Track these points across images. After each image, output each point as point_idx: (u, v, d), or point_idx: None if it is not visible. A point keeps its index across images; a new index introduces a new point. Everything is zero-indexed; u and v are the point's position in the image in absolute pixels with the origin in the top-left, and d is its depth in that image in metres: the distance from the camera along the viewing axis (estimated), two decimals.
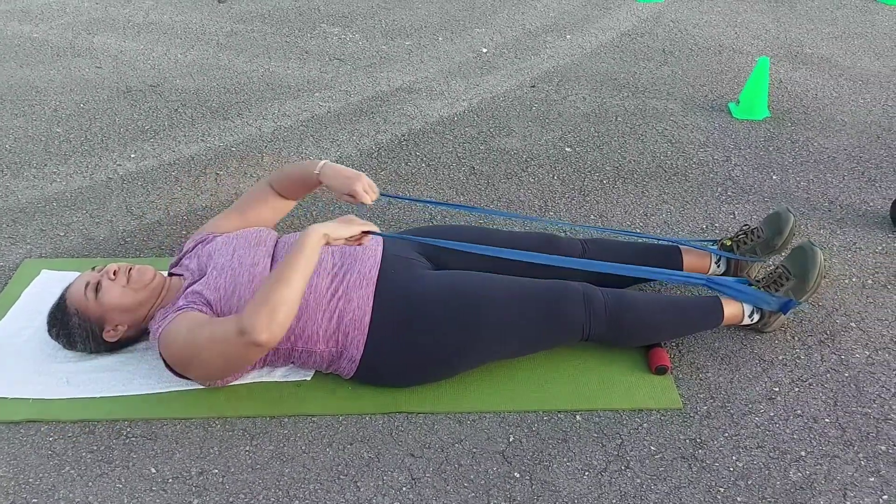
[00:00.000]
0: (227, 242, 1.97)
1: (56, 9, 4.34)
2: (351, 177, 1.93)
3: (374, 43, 3.97)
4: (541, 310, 1.88)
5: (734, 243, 2.20)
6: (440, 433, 1.81)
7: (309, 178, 2.01)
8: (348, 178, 1.93)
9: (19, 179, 2.76)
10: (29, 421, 1.81)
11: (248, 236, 1.98)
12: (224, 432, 1.80)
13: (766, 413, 1.87)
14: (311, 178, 2.00)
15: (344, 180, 1.93)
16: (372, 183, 1.95)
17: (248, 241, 1.95)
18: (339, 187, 1.94)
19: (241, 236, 1.97)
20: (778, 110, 3.32)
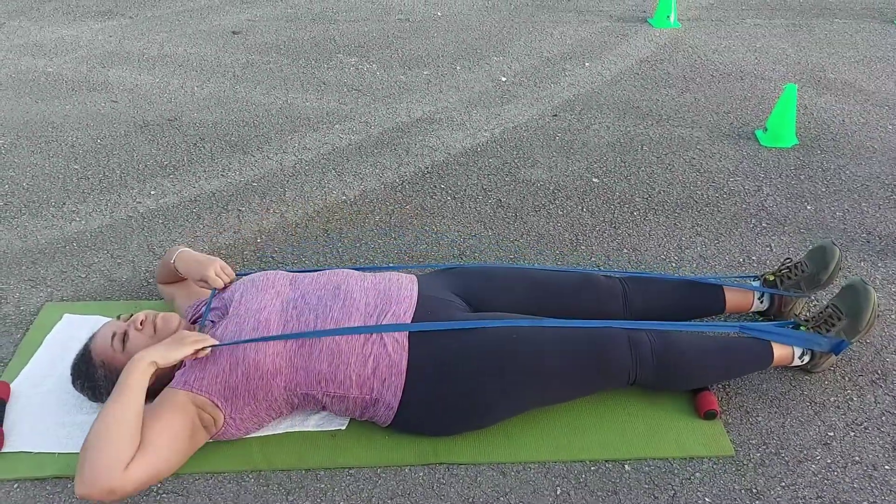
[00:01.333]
0: (235, 289, 1.93)
1: (70, 43, 4.32)
2: (203, 262, 1.96)
3: (391, 73, 3.94)
4: (585, 356, 1.82)
5: (777, 278, 2.14)
6: (483, 486, 1.73)
7: (169, 266, 2.06)
8: (200, 265, 1.96)
9: (38, 219, 2.71)
10: (56, 477, 1.74)
11: (256, 281, 1.93)
12: (258, 487, 1.72)
13: (823, 460, 1.79)
14: (170, 266, 2.05)
15: (196, 267, 1.97)
16: (226, 266, 1.97)
17: (255, 286, 1.90)
18: (193, 275, 1.98)
19: (248, 282, 1.93)
20: (806, 137, 3.27)
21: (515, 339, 1.81)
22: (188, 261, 1.99)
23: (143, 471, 1.57)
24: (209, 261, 1.96)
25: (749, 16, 4.79)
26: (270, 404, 1.77)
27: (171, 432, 1.64)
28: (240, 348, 1.74)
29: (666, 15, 4.56)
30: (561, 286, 2.04)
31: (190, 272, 1.97)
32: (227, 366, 1.74)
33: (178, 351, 1.70)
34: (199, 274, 1.94)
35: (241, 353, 1.74)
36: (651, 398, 1.93)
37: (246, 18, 4.73)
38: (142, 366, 1.66)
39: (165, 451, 1.62)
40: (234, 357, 1.74)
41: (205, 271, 1.93)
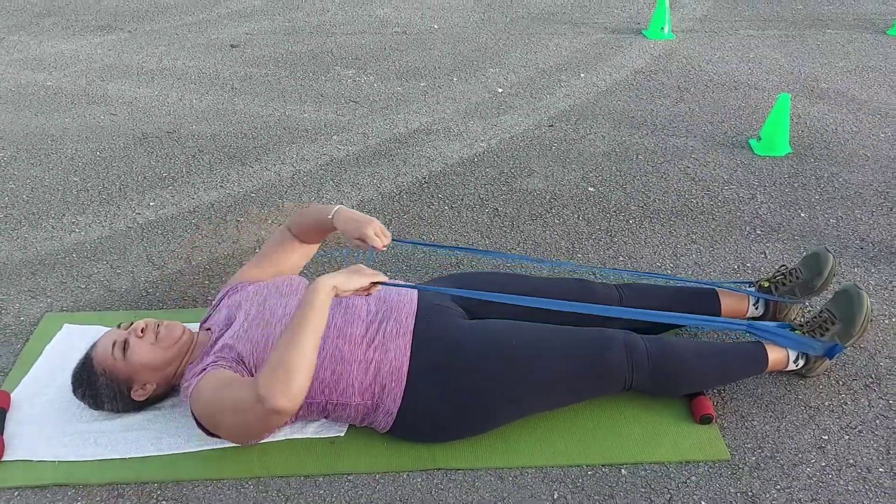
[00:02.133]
0: (258, 292, 1.93)
1: (69, 56, 4.36)
2: (362, 221, 1.91)
3: (388, 85, 3.97)
4: (582, 360, 1.84)
5: (772, 285, 2.16)
6: (481, 491, 1.74)
7: (324, 222, 1.99)
8: (360, 223, 1.91)
9: (38, 230, 2.72)
10: (56, 485, 1.75)
11: (279, 286, 1.94)
12: (258, 493, 1.74)
13: (818, 463, 1.80)
14: (325, 222, 1.98)
15: (356, 224, 1.91)
16: (384, 228, 1.92)
17: (279, 291, 1.92)
18: (351, 232, 1.92)
19: (272, 286, 1.94)
20: (799, 146, 3.30)
21: (514, 345, 1.83)
22: (347, 219, 1.93)
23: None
24: (368, 220, 1.91)
25: (742, 27, 4.84)
26: None
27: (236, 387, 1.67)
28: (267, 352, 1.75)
29: (660, 27, 4.61)
30: (558, 293, 2.06)
31: (348, 229, 1.92)
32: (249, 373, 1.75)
33: (356, 281, 1.70)
34: (359, 232, 1.89)
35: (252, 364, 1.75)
36: (647, 404, 1.95)
37: (244, 32, 4.77)
38: (326, 288, 1.66)
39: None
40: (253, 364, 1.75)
41: (364, 229, 1.89)
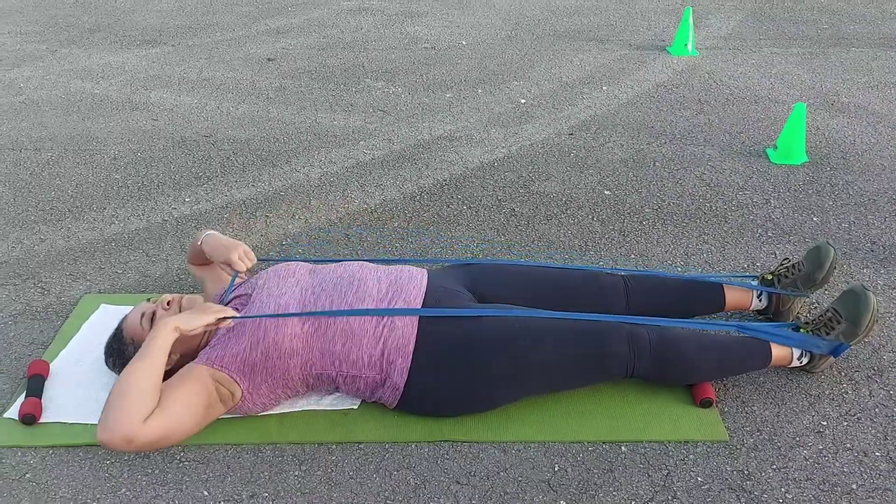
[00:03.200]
0: (259, 277, 2.05)
1: (116, 68, 4.60)
2: (228, 246, 2.03)
3: (416, 96, 4.12)
4: (585, 346, 1.91)
5: (775, 277, 2.21)
6: (485, 461, 1.82)
7: (196, 248, 2.14)
8: (225, 248, 2.03)
9: (80, 222, 2.90)
10: (87, 445, 1.87)
11: (278, 270, 2.05)
12: (274, 458, 1.84)
13: (815, 446, 1.85)
14: (198, 248, 2.13)
15: (221, 250, 2.04)
16: (249, 251, 2.03)
17: (277, 275, 2.03)
18: (217, 257, 2.05)
19: (271, 271, 2.06)
20: (816, 155, 3.35)
21: (518, 328, 1.91)
22: (214, 244, 2.07)
23: (158, 427, 1.69)
24: (233, 244, 2.05)
25: (766, 45, 4.91)
26: (287, 382, 1.89)
27: (188, 399, 1.76)
28: (261, 329, 1.87)
29: (684, 43, 4.70)
30: (565, 282, 2.14)
31: (215, 254, 2.07)
32: (248, 345, 1.86)
33: (201, 318, 1.82)
34: (223, 256, 2.04)
35: (262, 333, 1.87)
36: (650, 387, 2.01)
37: (281, 47, 4.98)
38: (167, 329, 1.78)
39: (180, 415, 1.74)
40: (255, 337, 1.87)
41: (228, 254, 2.02)
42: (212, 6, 5.96)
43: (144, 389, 1.70)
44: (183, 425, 1.75)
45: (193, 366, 1.85)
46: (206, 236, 2.12)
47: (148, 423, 1.67)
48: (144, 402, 1.68)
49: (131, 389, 1.69)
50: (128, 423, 1.65)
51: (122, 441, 1.65)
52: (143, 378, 1.71)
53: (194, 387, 1.79)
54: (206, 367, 1.84)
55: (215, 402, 1.83)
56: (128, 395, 1.68)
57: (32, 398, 1.97)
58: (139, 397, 1.68)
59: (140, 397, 1.68)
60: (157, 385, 1.72)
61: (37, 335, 2.26)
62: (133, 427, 1.65)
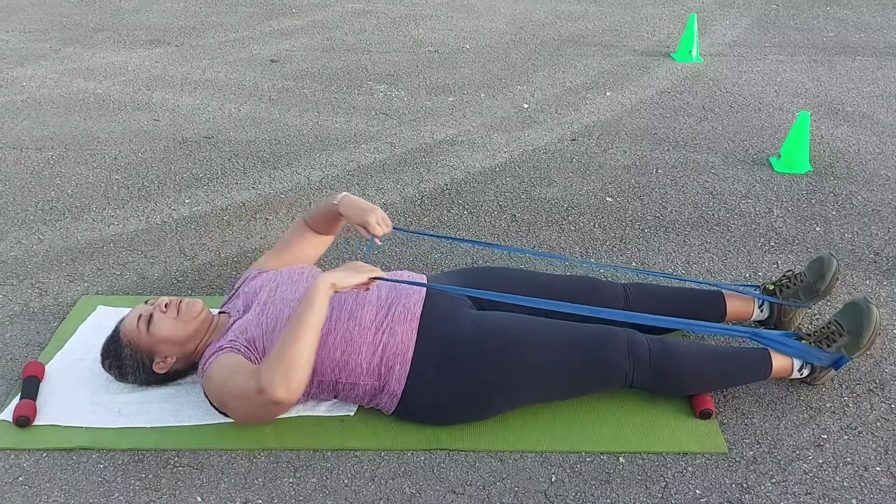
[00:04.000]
0: (272, 279, 2.04)
1: (118, 67, 4.59)
2: (366, 209, 2.01)
3: (418, 99, 4.11)
4: (583, 355, 1.89)
5: (777, 288, 2.19)
6: (481, 471, 1.81)
7: (331, 209, 2.09)
8: (363, 210, 2.01)
9: (79, 222, 2.89)
10: (82, 448, 1.86)
11: (291, 273, 2.04)
12: (269, 464, 1.82)
13: (815, 460, 1.83)
14: (332, 208, 2.08)
15: (359, 211, 2.01)
16: (385, 217, 2.01)
17: (290, 278, 2.02)
18: (354, 218, 2.02)
19: (284, 273, 2.04)
20: (820, 165, 3.33)
21: (516, 336, 1.89)
22: (350, 205, 2.04)
23: None
24: (372, 208, 2.01)
25: (771, 52, 4.89)
26: None
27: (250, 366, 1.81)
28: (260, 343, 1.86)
29: (688, 50, 4.68)
30: (564, 289, 2.12)
31: (351, 214, 2.02)
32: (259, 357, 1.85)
33: (355, 277, 1.82)
34: (361, 218, 2.00)
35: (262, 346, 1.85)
36: (648, 397, 2.00)
37: (284, 48, 4.97)
38: (323, 288, 1.77)
39: None
40: (263, 347, 1.86)
41: (366, 216, 1.99)
42: (216, 7, 5.96)
43: (313, 357, 1.74)
44: None
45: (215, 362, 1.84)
46: (344, 196, 2.07)
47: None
48: (308, 371, 1.73)
49: (307, 356, 1.72)
50: (303, 388, 1.73)
51: (292, 404, 1.74)
52: (314, 344, 1.74)
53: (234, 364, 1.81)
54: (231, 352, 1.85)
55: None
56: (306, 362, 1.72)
57: (27, 400, 1.96)
58: (311, 365, 1.74)
59: (311, 365, 1.74)
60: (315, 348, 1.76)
61: (33, 336, 2.25)
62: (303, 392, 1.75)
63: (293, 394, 1.70)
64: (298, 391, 1.71)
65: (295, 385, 1.69)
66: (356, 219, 2.02)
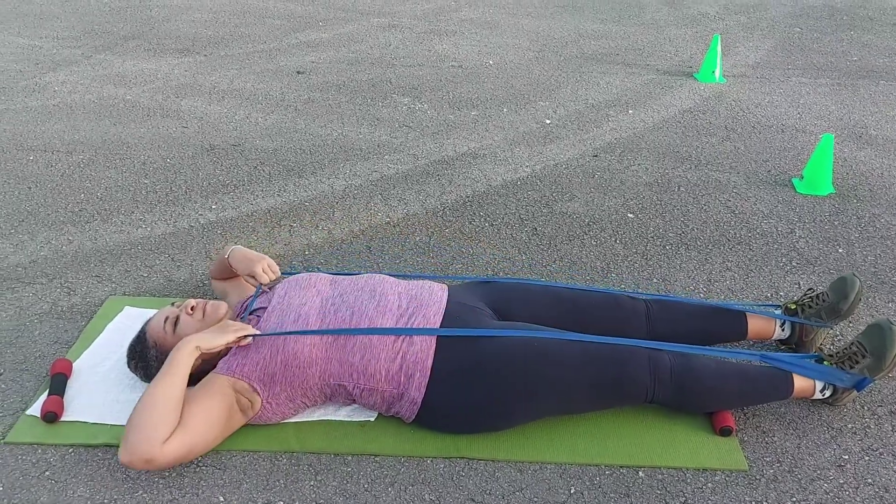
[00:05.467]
0: (280, 287, 2.07)
1: (148, 75, 4.68)
2: (253, 259, 2.11)
3: (441, 112, 4.15)
4: (604, 370, 1.90)
5: (799, 307, 2.19)
6: (501, 480, 1.82)
7: (224, 262, 2.20)
8: (250, 261, 2.11)
9: (108, 224, 2.94)
10: (106, 445, 1.89)
11: (299, 280, 2.07)
12: (290, 466, 1.84)
13: (836, 480, 1.82)
14: (225, 262, 2.20)
15: (247, 263, 2.11)
16: (273, 264, 2.12)
17: (298, 285, 2.05)
18: (242, 269, 2.13)
19: (292, 281, 2.08)
20: (843, 187, 3.32)
21: (537, 347, 1.90)
22: (239, 257, 2.15)
23: (179, 446, 1.73)
24: (258, 258, 2.12)
25: (794, 74, 4.90)
26: (305, 392, 1.90)
27: (209, 413, 1.79)
28: (280, 338, 1.88)
29: (711, 70, 4.70)
30: (587, 303, 2.14)
31: (240, 267, 2.14)
32: (268, 354, 1.88)
33: (221, 338, 1.86)
34: (248, 269, 2.11)
35: (282, 343, 1.88)
36: (668, 412, 2.00)
37: (310, 60, 5.04)
38: (187, 349, 1.83)
39: (202, 431, 1.77)
40: (275, 346, 1.88)
41: (253, 267, 2.09)
42: (245, 18, 6.06)
43: (165, 411, 1.73)
44: (204, 441, 1.79)
45: (214, 376, 1.87)
46: (232, 250, 2.18)
47: (168, 443, 1.71)
48: (164, 424, 1.72)
49: (152, 411, 1.72)
50: (147, 445, 1.69)
51: (142, 463, 1.69)
52: (163, 399, 1.74)
53: (215, 398, 1.82)
54: (227, 377, 1.86)
55: (235, 413, 1.85)
56: (148, 417, 1.71)
57: (55, 396, 1.99)
58: (159, 419, 1.72)
59: (160, 419, 1.72)
60: (177, 405, 1.75)
61: (61, 334, 2.30)
62: (153, 449, 1.69)
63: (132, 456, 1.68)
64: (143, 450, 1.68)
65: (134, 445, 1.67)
66: (244, 270, 2.12)
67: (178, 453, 1.73)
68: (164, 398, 1.74)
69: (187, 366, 1.81)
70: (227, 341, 1.86)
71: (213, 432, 1.80)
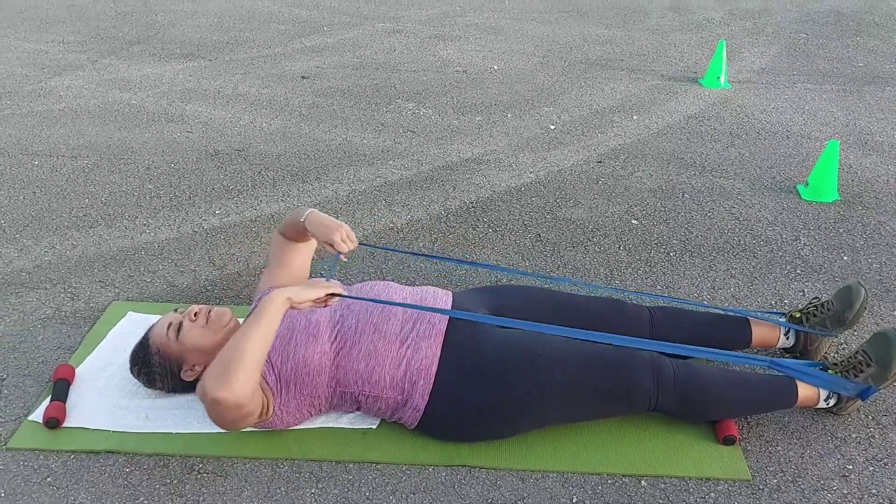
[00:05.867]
0: None
1: (153, 80, 4.69)
2: (331, 226, 1.97)
3: (445, 118, 4.15)
4: (608, 377, 1.89)
5: (803, 315, 2.18)
6: (503, 489, 1.81)
7: (298, 224, 2.06)
8: (328, 228, 1.97)
9: (112, 229, 2.95)
10: (108, 451, 1.89)
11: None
12: (291, 474, 1.84)
13: (840, 490, 1.81)
14: (299, 224, 2.05)
15: (324, 229, 1.97)
16: (351, 233, 1.98)
17: None
18: (320, 236, 1.99)
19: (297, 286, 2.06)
20: (848, 194, 3.31)
21: (541, 355, 1.90)
22: (317, 222, 2.00)
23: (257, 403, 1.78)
24: (336, 225, 1.98)
25: (800, 80, 4.88)
26: (314, 400, 1.90)
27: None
28: (291, 345, 1.87)
29: (716, 76, 4.69)
30: (589, 309, 2.13)
31: (318, 233, 1.99)
32: (280, 360, 1.88)
33: (311, 292, 1.85)
34: (326, 236, 1.97)
35: (293, 349, 1.88)
36: (671, 421, 1.99)
37: (315, 65, 5.05)
38: (279, 300, 1.80)
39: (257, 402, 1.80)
40: (286, 352, 1.88)
41: (332, 234, 1.96)
42: (250, 23, 6.07)
43: (257, 361, 1.74)
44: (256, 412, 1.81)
45: None
46: (310, 213, 2.04)
47: (255, 394, 1.74)
48: (257, 374, 1.74)
49: (248, 358, 1.72)
50: (244, 390, 1.70)
51: (235, 405, 1.70)
52: (258, 348, 1.74)
53: None
54: None
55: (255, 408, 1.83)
56: (246, 363, 1.71)
57: (57, 402, 1.99)
58: (254, 369, 1.73)
59: (255, 369, 1.73)
60: (265, 355, 1.77)
61: (64, 340, 2.30)
62: (247, 395, 1.71)
63: (233, 393, 1.68)
64: (239, 392, 1.69)
65: (235, 384, 1.68)
66: (322, 237, 1.98)
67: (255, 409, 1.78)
68: (260, 348, 1.74)
69: (279, 315, 1.80)
70: (317, 296, 1.85)
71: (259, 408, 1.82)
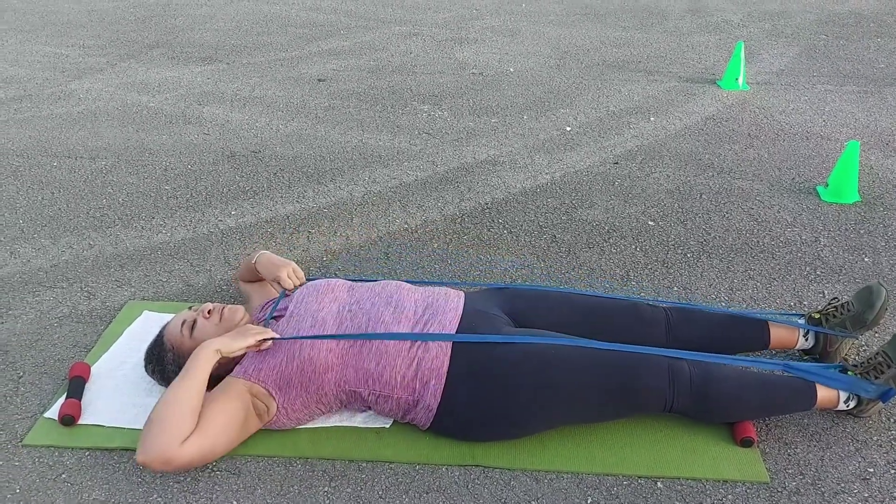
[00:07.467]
0: (299, 292, 2.07)
1: (171, 82, 4.73)
2: (279, 265, 2.13)
3: (461, 120, 4.15)
4: (622, 379, 1.87)
5: (823, 317, 2.15)
6: (516, 489, 1.79)
7: (251, 266, 2.22)
8: (276, 266, 2.13)
9: (129, 230, 2.97)
10: (123, 449, 1.89)
11: (317, 286, 2.07)
12: (304, 472, 1.84)
13: (860, 494, 1.78)
14: (252, 266, 2.22)
15: (272, 268, 2.13)
16: (298, 269, 2.12)
17: (316, 290, 2.05)
18: (268, 275, 2.14)
19: (310, 287, 2.07)
20: (869, 195, 3.26)
21: (553, 356, 1.88)
22: (265, 263, 2.17)
23: (196, 448, 1.73)
24: (283, 263, 2.13)
25: (820, 82, 4.83)
26: (321, 398, 1.90)
27: (226, 417, 1.79)
28: (297, 343, 1.88)
29: (734, 77, 4.65)
30: (604, 311, 2.11)
31: (266, 272, 2.15)
32: (284, 358, 1.88)
33: (241, 341, 1.86)
34: (273, 274, 2.12)
35: (298, 348, 1.88)
36: (688, 423, 1.96)
37: (332, 68, 5.07)
38: (207, 353, 1.83)
39: (218, 433, 1.77)
40: (291, 351, 1.88)
41: (278, 272, 2.10)
42: (267, 27, 6.11)
43: (183, 412, 1.74)
44: (220, 444, 1.79)
45: (231, 380, 1.87)
46: (259, 255, 2.20)
47: (186, 444, 1.71)
48: (183, 425, 1.72)
49: (170, 412, 1.73)
50: (166, 445, 1.69)
51: (159, 464, 1.70)
52: (182, 400, 1.75)
53: (232, 402, 1.82)
54: (243, 380, 1.86)
55: (252, 418, 1.85)
56: (167, 417, 1.72)
57: (72, 399, 2.00)
58: (178, 420, 1.72)
59: (179, 420, 1.72)
60: (196, 407, 1.76)
61: (80, 338, 2.31)
62: (171, 449, 1.70)
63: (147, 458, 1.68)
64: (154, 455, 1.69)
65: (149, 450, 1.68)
66: (269, 276, 2.14)
67: (196, 455, 1.74)
68: (183, 400, 1.75)
69: (206, 369, 1.82)
70: (247, 345, 1.86)
71: (230, 435, 1.80)
